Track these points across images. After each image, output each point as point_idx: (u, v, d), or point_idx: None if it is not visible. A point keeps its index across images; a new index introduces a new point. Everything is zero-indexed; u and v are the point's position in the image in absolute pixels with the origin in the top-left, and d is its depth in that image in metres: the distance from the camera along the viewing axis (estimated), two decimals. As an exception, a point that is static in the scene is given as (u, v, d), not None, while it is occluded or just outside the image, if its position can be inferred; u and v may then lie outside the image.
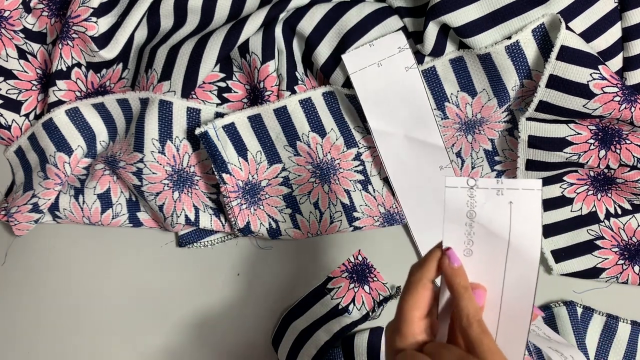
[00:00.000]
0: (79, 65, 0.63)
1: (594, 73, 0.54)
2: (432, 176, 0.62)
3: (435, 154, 0.61)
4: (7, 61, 0.65)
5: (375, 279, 0.64)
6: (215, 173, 0.60)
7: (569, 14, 0.57)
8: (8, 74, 0.65)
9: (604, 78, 0.54)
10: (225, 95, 0.63)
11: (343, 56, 0.59)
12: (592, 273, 0.63)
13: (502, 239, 0.36)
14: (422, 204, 0.63)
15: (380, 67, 0.59)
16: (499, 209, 0.36)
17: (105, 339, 0.63)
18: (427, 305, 0.37)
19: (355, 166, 0.64)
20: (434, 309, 0.37)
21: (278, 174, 0.63)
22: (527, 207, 0.35)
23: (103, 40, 0.61)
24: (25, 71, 0.65)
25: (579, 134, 0.59)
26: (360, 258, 0.64)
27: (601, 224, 0.64)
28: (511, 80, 0.58)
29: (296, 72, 0.62)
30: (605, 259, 0.63)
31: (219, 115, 0.62)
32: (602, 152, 0.59)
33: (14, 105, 0.65)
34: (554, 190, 0.64)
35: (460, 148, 0.63)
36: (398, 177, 0.63)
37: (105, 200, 0.63)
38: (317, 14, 0.60)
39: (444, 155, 0.61)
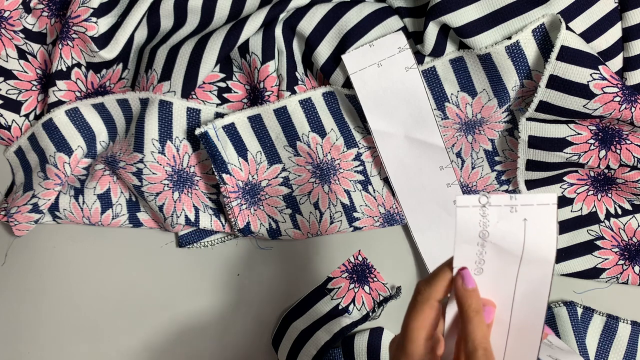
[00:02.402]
0: (78, 65, 0.63)
1: (594, 73, 0.54)
2: (433, 176, 0.62)
3: (436, 154, 0.61)
4: (7, 61, 0.65)
5: (375, 279, 0.64)
6: (215, 173, 0.60)
7: (569, 14, 0.56)
8: (8, 74, 0.65)
9: (604, 78, 0.54)
10: (225, 95, 0.63)
11: (343, 56, 0.59)
12: (592, 273, 0.63)
13: (515, 256, 0.35)
14: (422, 205, 0.63)
15: (380, 68, 0.59)
16: (512, 227, 0.34)
17: (105, 339, 0.63)
18: (434, 325, 0.36)
19: (356, 166, 0.64)
20: (441, 327, 0.37)
21: (278, 174, 0.63)
22: (541, 223, 0.34)
23: (103, 40, 0.61)
24: (25, 71, 0.65)
25: (579, 134, 0.58)
26: (360, 258, 0.64)
27: (601, 224, 0.64)
28: (511, 81, 0.58)
29: (296, 73, 0.62)
30: (606, 259, 0.63)
31: (219, 115, 0.62)
32: (602, 152, 0.59)
33: (14, 106, 0.65)
34: (554, 190, 0.64)
35: (461, 148, 0.63)
36: (398, 178, 0.63)
37: (105, 201, 0.63)
38: (317, 14, 0.60)
39: (444, 155, 0.61)
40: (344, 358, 0.59)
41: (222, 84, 0.63)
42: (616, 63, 0.60)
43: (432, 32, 0.58)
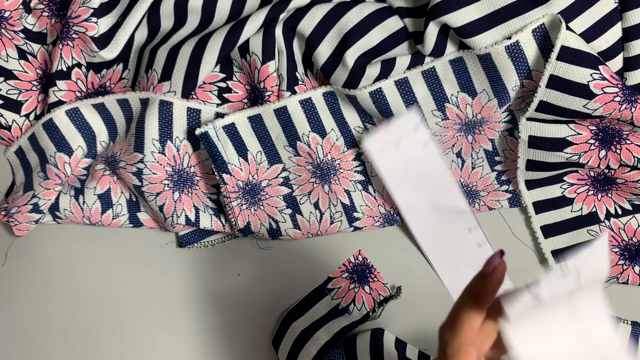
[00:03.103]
0: (79, 65, 0.63)
1: (594, 73, 0.54)
2: (463, 239, 0.63)
3: (462, 217, 0.62)
4: (7, 61, 0.65)
5: (375, 279, 0.64)
6: (216, 173, 0.60)
7: (569, 14, 0.57)
8: (8, 74, 0.65)
9: (604, 78, 0.54)
10: (226, 95, 0.63)
11: (365, 144, 0.57)
12: (593, 273, 0.63)
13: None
14: (455, 269, 0.64)
15: (399, 147, 0.57)
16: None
17: (105, 339, 0.63)
18: None
19: (356, 166, 0.64)
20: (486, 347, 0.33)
21: (278, 174, 0.63)
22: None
23: (103, 40, 0.61)
24: (25, 71, 0.65)
25: (579, 134, 0.59)
26: (360, 258, 0.64)
27: (601, 224, 0.64)
28: (511, 81, 0.58)
29: (296, 73, 0.62)
30: (606, 259, 0.63)
31: (219, 115, 0.62)
32: (603, 152, 0.59)
33: (14, 106, 0.65)
34: (555, 190, 0.64)
35: (461, 148, 0.63)
36: (430, 246, 0.64)
37: (106, 201, 0.63)
38: (317, 14, 0.60)
39: (470, 217, 0.62)
40: (345, 358, 0.59)
41: (223, 84, 0.63)
42: (616, 63, 0.60)
43: (432, 32, 0.58)
